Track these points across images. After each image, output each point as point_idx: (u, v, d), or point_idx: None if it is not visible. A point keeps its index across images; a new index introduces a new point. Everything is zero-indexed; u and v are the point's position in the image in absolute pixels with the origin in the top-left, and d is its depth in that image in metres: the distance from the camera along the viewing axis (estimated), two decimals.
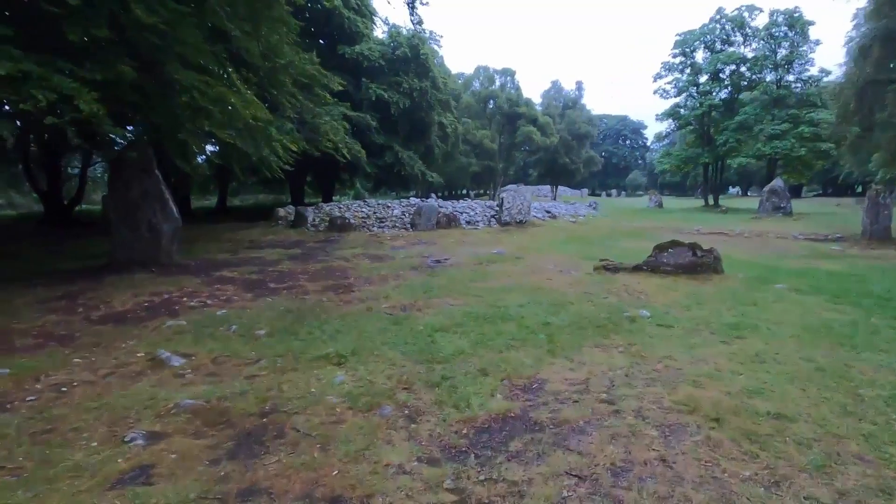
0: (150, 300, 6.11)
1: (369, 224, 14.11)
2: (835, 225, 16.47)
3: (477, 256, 9.60)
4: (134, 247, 8.21)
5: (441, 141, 32.23)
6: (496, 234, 12.86)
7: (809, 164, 24.03)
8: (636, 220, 18.53)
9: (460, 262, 8.94)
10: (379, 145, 25.07)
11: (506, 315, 5.12)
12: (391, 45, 26.51)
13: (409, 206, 15.70)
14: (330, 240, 12.58)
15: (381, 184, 31.88)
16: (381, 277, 7.56)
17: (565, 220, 16.03)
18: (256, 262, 9.34)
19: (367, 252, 10.40)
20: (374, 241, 12.05)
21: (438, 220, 13.79)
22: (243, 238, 13.75)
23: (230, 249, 11.38)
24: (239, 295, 6.49)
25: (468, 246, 11.24)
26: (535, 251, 10.32)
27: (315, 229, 14.11)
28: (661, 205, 27.34)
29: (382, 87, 24.81)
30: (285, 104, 10.41)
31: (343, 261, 9.38)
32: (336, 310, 5.51)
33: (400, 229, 13.70)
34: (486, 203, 16.67)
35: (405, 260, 9.33)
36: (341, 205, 16.46)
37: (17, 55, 4.73)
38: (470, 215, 14.91)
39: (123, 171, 8.11)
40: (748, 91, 28.10)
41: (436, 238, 12.44)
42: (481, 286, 6.72)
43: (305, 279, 7.62)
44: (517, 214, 14.26)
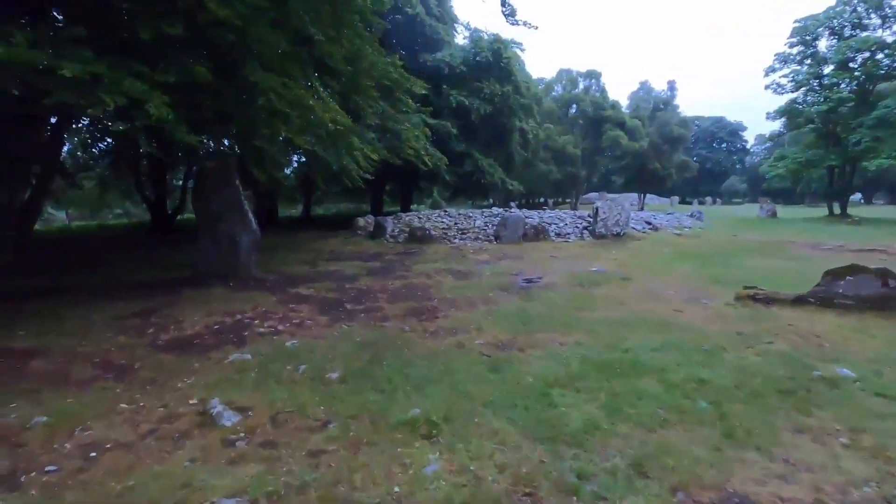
0: (221, 322, 5.60)
1: (450, 236, 13.28)
2: None
3: (575, 276, 8.34)
4: (215, 259, 7.95)
5: (522, 147, 31.02)
6: (591, 249, 11.46)
7: None
8: (752, 232, 16.08)
9: (556, 283, 7.75)
10: (458, 153, 24.39)
11: (638, 364, 3.90)
12: (472, 50, 25.88)
13: (492, 216, 14.69)
14: (409, 252, 11.89)
15: (459, 192, 31.24)
16: (468, 300, 6.59)
17: (669, 232, 14.17)
18: (334, 276, 8.79)
19: (449, 267, 9.52)
20: (457, 255, 11.16)
21: (525, 231, 12.64)
22: (323, 249, 13.50)
23: (309, 261, 11.04)
24: (313, 318, 5.82)
25: (562, 262, 9.99)
26: (644, 270, 8.84)
27: (394, 240, 13.54)
28: (774, 214, 24.00)
29: (463, 94, 24.17)
30: (367, 110, 9.86)
31: (424, 277, 8.55)
32: (420, 345, 4.60)
33: (483, 241, 12.72)
34: (577, 213, 15.23)
35: (492, 278, 8.31)
36: (421, 214, 15.84)
37: (89, 57, 4.33)
38: (559, 226, 13.59)
39: (206, 182, 7.89)
40: (886, 81, 24.00)
41: (523, 252, 11.30)
42: (591, 317, 5.51)
43: (385, 299, 6.84)
44: (614, 226, 12.72)
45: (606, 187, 59.38)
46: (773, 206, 24.77)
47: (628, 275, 8.34)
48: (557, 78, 42.48)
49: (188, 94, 5.37)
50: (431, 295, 7.06)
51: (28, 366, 4.23)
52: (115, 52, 4.76)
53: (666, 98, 45.76)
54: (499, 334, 4.89)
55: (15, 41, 3.86)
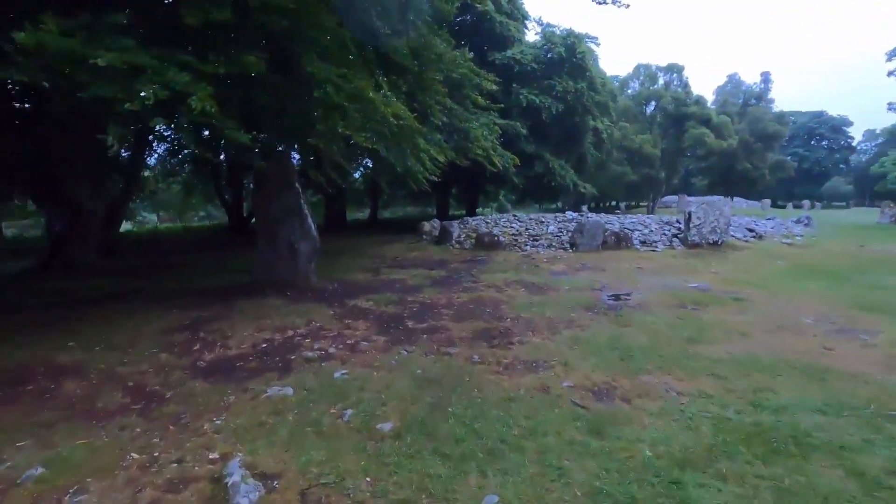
0: (269, 339, 5.05)
1: (520, 242, 12.28)
2: None
3: (672, 293, 7.09)
4: (273, 267, 7.56)
5: (595, 148, 29.27)
6: (685, 260, 10.00)
7: None
8: (881, 241, 13.61)
9: (651, 303, 6.56)
10: (528, 154, 23.25)
11: (801, 436, 2.78)
12: (544, 46, 24.68)
13: (567, 221, 13.50)
14: (477, 260, 11.05)
15: (527, 195, 29.97)
16: (547, 322, 5.62)
17: (776, 240, 12.25)
18: (396, 286, 8.14)
19: (521, 279, 8.55)
20: (529, 264, 10.15)
21: (605, 239, 11.36)
22: (386, 254, 13.01)
23: (372, 268, 10.53)
24: (370, 338, 5.12)
25: (651, 275, 8.69)
26: (757, 287, 7.38)
27: (460, 246, 12.76)
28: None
29: (534, 92, 23.05)
30: (434, 107, 9.14)
31: (494, 290, 7.66)
32: (494, 384, 3.72)
33: (557, 249, 11.60)
34: (663, 219, 13.65)
35: (573, 293, 7.25)
36: (489, 219, 14.98)
37: (129, 45, 3.88)
38: (643, 233, 12.15)
39: (265, 185, 7.52)
40: None
41: (604, 262, 10.07)
42: (710, 353, 4.36)
43: (450, 316, 6.04)
44: (710, 234, 11.11)
45: (686, 190, 55.22)
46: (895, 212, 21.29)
47: (740, 294, 6.95)
48: (634, 73, 39.91)
49: (239, 87, 4.88)
50: (503, 313, 6.15)
51: (60, 387, 3.85)
52: (161, 42, 4.32)
53: (759, 91, 41.58)
54: (592, 373, 3.90)
55: (45, 27, 3.46)
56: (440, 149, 10.28)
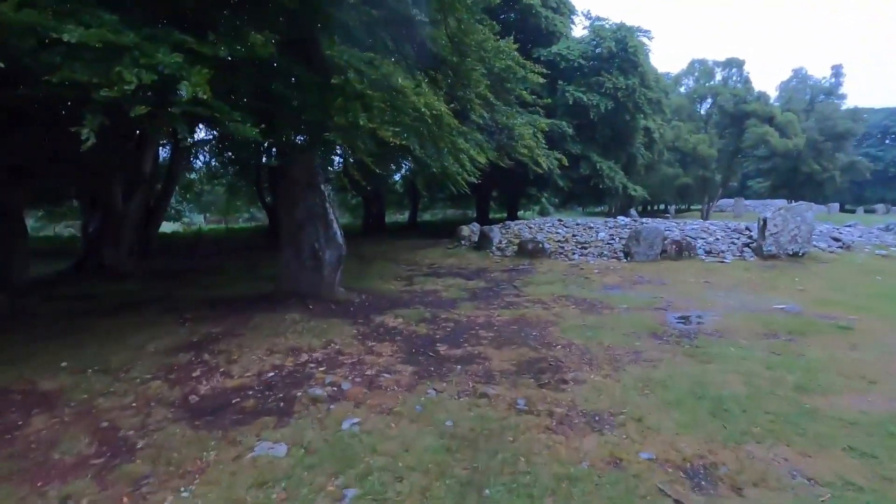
0: (279, 366, 4.34)
1: (567, 250, 11.23)
2: None
3: (754, 315, 5.93)
4: (296, 275, 6.93)
5: (646, 148, 27.56)
6: (762, 273, 8.68)
7: None
8: None
9: (731, 329, 5.44)
10: (574, 155, 22.01)
11: None
12: (593, 41, 23.39)
13: (618, 227, 12.32)
14: (519, 269, 10.11)
15: (572, 199, 28.55)
16: (606, 352, 4.65)
17: (866, 252, 10.61)
18: (430, 299, 7.34)
19: (570, 293, 7.57)
20: (577, 275, 9.12)
21: (664, 247, 10.15)
22: (422, 261, 12.27)
23: (405, 276, 9.79)
24: (393, 368, 4.33)
25: (723, 292, 7.50)
26: (861, 311, 6.09)
27: (501, 253, 11.84)
28: None
29: (581, 90, 21.81)
30: (474, 101, 8.29)
31: (540, 306, 6.73)
32: (546, 451, 2.81)
33: (609, 259, 10.48)
34: (730, 225, 12.21)
35: (633, 314, 6.21)
36: (532, 223, 13.98)
37: (111, 21, 3.26)
38: (708, 242, 10.83)
39: (289, 187, 6.91)
40: None
41: (664, 274, 8.90)
42: (833, 409, 3.28)
43: (489, 340, 5.17)
44: (789, 243, 9.68)
45: (742, 193, 51.68)
46: None
47: (843, 320, 5.70)
48: (689, 70, 37.58)
49: (247, 74, 4.20)
50: (552, 337, 5.22)
51: (28, 424, 3.26)
52: (153, 20, 3.69)
53: (828, 86, 38.21)
54: (677, 438, 2.93)
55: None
56: (480, 149, 9.46)
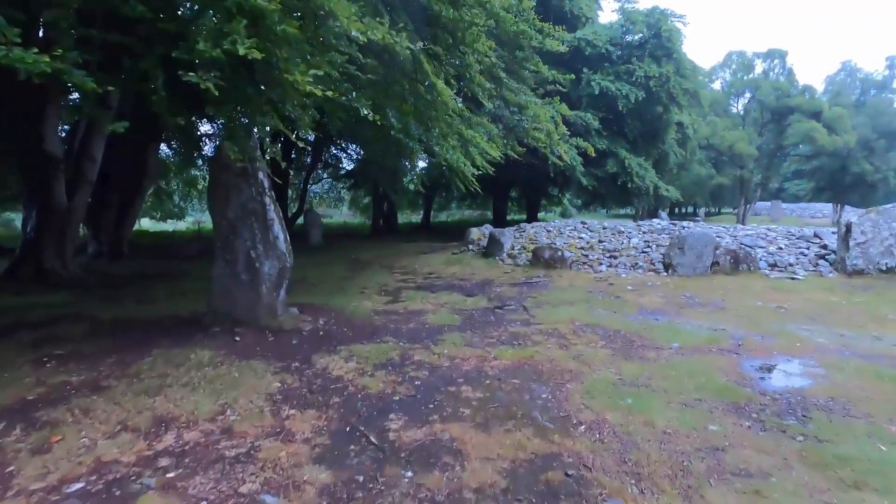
0: (101, 469, 2.59)
1: (592, 260, 9.26)
2: None
3: (874, 367, 3.93)
4: (231, 294, 5.19)
5: (679, 145, 25.22)
6: (850, 296, 6.60)
7: None
8: None
9: (852, 392, 3.47)
10: (599, 151, 19.91)
11: None
12: (622, 27, 21.28)
13: (654, 231, 10.29)
14: (532, 282, 8.21)
15: (596, 199, 26.33)
16: (661, 448, 2.76)
17: None
18: (409, 326, 5.53)
19: (597, 321, 5.65)
20: (606, 293, 7.19)
21: (716, 258, 8.11)
22: (421, 268, 10.48)
23: (392, 289, 8.02)
24: (295, 480, 2.53)
25: (807, 322, 5.48)
26: None
27: (512, 261, 9.95)
28: None
29: (608, 79, 19.72)
30: (473, 68, 6.41)
31: (555, 342, 4.84)
32: None
33: (645, 271, 8.48)
34: (793, 232, 10.04)
35: (690, 359, 4.27)
36: (551, 226, 12.03)
37: None
38: (769, 252, 8.70)
39: (217, 174, 5.18)
40: None
41: (720, 294, 6.89)
42: None
43: (472, 411, 3.31)
44: (882, 255, 7.53)
45: (778, 196, 48.33)
46: None
47: None
48: (725, 62, 34.85)
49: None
50: (570, 405, 3.34)
51: None
52: None
53: (882, 80, 34.98)
54: None
55: None
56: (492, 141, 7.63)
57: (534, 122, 7.77)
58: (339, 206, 36.47)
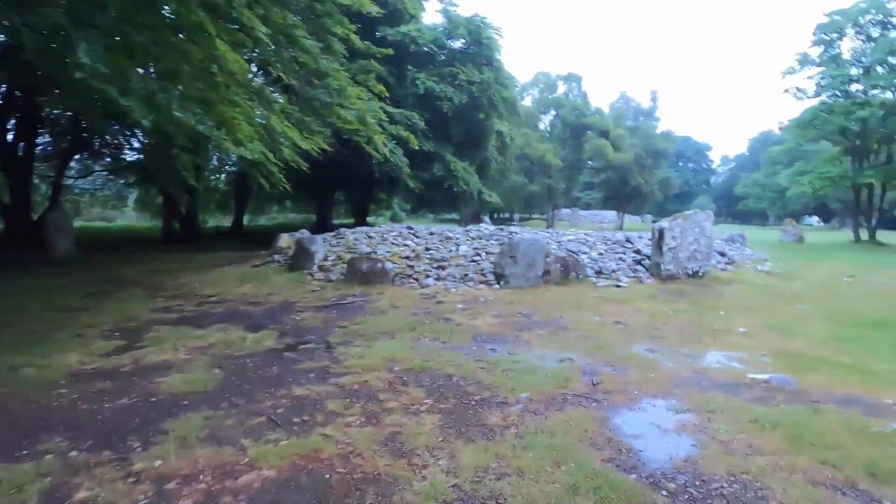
0: None
1: (419, 271, 7.91)
2: None
3: (745, 406, 3.20)
4: None
5: (499, 153, 26.25)
6: (674, 304, 6.41)
7: None
8: (841, 266, 11.62)
9: (751, 470, 2.55)
10: (425, 153, 19.20)
11: None
12: (445, 30, 21.01)
13: (483, 237, 9.45)
14: (345, 304, 6.46)
15: (425, 203, 25.85)
16: None
17: (748, 268, 9.38)
18: (111, 408, 3.24)
19: (422, 362, 4.17)
20: (433, 316, 5.82)
21: (547, 267, 7.45)
22: (201, 288, 7.90)
23: (133, 330, 5.43)
24: None
25: (646, 340, 4.86)
26: (859, 374, 3.80)
27: (324, 276, 8.04)
28: (801, 239, 20.08)
29: (433, 79, 19.11)
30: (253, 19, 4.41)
31: (361, 411, 3.16)
32: None
33: (476, 284, 7.43)
34: (608, 237, 10.21)
35: (543, 424, 3.02)
36: (374, 232, 10.44)
37: None
38: (592, 257, 8.48)
39: None
40: None
41: (556, 309, 6.09)
42: None
43: None
44: (689, 260, 7.74)
45: (577, 203, 55.52)
46: (798, 230, 20.89)
47: (876, 401, 3.26)
48: (534, 81, 38.25)
49: None
50: None
51: None
52: None
53: (648, 109, 42.45)
54: None
55: None
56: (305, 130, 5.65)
57: (339, 98, 6.03)
58: (122, 206, 29.50)
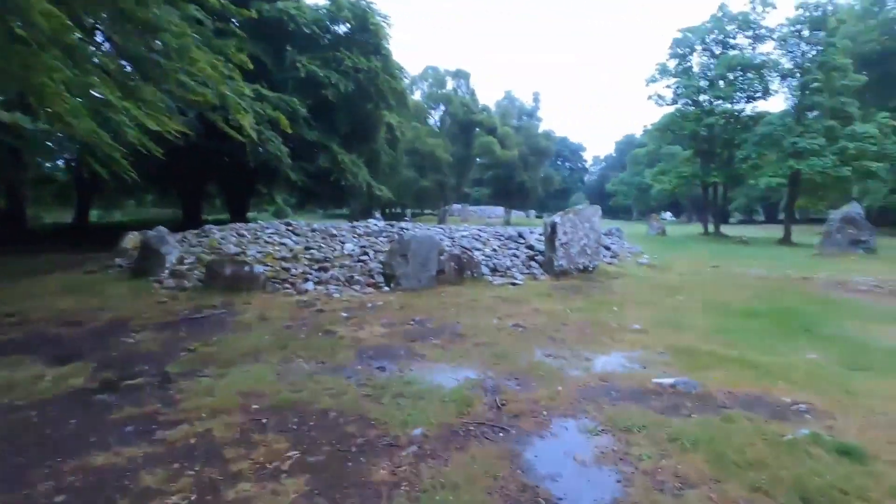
0: None
1: (296, 274, 6.85)
2: None
3: (660, 420, 2.89)
4: None
5: (389, 146, 25.44)
6: (569, 301, 6.21)
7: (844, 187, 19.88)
8: (702, 256, 12.80)
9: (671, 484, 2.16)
10: (309, 143, 17.76)
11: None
12: (328, 12, 19.62)
13: (371, 234, 8.64)
14: (198, 319, 5.25)
15: (311, 198, 24.08)
16: None
17: (629, 261, 9.77)
18: None
19: (290, 395, 3.28)
20: (312, 328, 4.90)
21: (442, 266, 6.88)
22: (12, 300, 6.02)
23: None
24: None
25: (547, 345, 4.50)
26: (751, 370, 3.79)
27: (176, 283, 6.61)
28: (664, 232, 22.30)
29: (316, 63, 17.69)
30: None
31: (191, 486, 2.23)
32: None
33: (363, 287, 6.59)
34: (500, 232, 9.99)
35: (442, 473, 2.37)
36: (246, 229, 9.04)
37: None
38: (486, 254, 8.12)
39: None
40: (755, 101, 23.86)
41: (453, 313, 5.53)
42: None
43: None
44: (579, 255, 7.71)
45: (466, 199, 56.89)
46: (662, 224, 23.18)
47: (793, 403, 3.15)
48: (423, 75, 37.94)
49: None
50: None
51: None
52: None
53: (530, 109, 44.59)
54: None
55: None
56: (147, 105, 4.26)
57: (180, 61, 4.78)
58: None
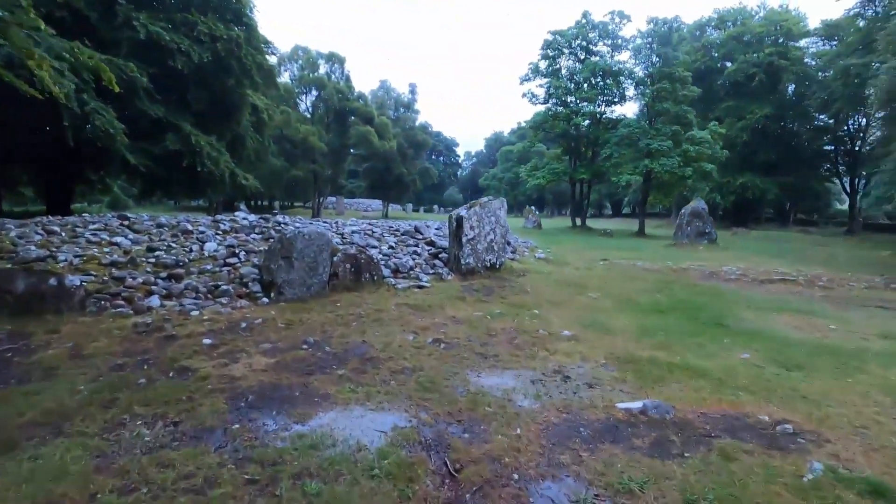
0: None
1: (132, 286, 5.09)
2: (792, 257, 13.92)
3: (645, 471, 2.26)
4: None
5: (255, 130, 22.69)
6: (486, 304, 5.51)
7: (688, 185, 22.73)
8: (584, 248, 13.22)
9: None
10: (153, 120, 14.76)
11: None
12: None
13: (241, 230, 7.04)
14: None
15: (158, 186, 20.20)
16: None
17: (527, 255, 9.50)
18: None
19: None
20: (154, 366, 3.44)
21: (335, 269, 5.68)
22: None
23: None
24: None
25: (484, 371, 3.72)
26: (710, 386, 3.46)
27: None
28: (540, 225, 23.31)
29: (161, 24, 14.73)
30: None
31: None
32: None
33: (233, 299, 5.12)
34: (393, 226, 8.97)
35: None
36: (57, 225, 6.75)
37: None
38: (384, 252, 7.10)
39: None
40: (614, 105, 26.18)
41: (353, 329, 4.44)
42: None
43: None
44: (486, 252, 7.09)
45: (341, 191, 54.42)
46: (537, 218, 24.20)
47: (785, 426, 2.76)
48: (292, 55, 34.83)
49: None
50: None
51: None
52: None
53: (407, 101, 43.85)
54: None
55: None
56: None
57: None
58: None
